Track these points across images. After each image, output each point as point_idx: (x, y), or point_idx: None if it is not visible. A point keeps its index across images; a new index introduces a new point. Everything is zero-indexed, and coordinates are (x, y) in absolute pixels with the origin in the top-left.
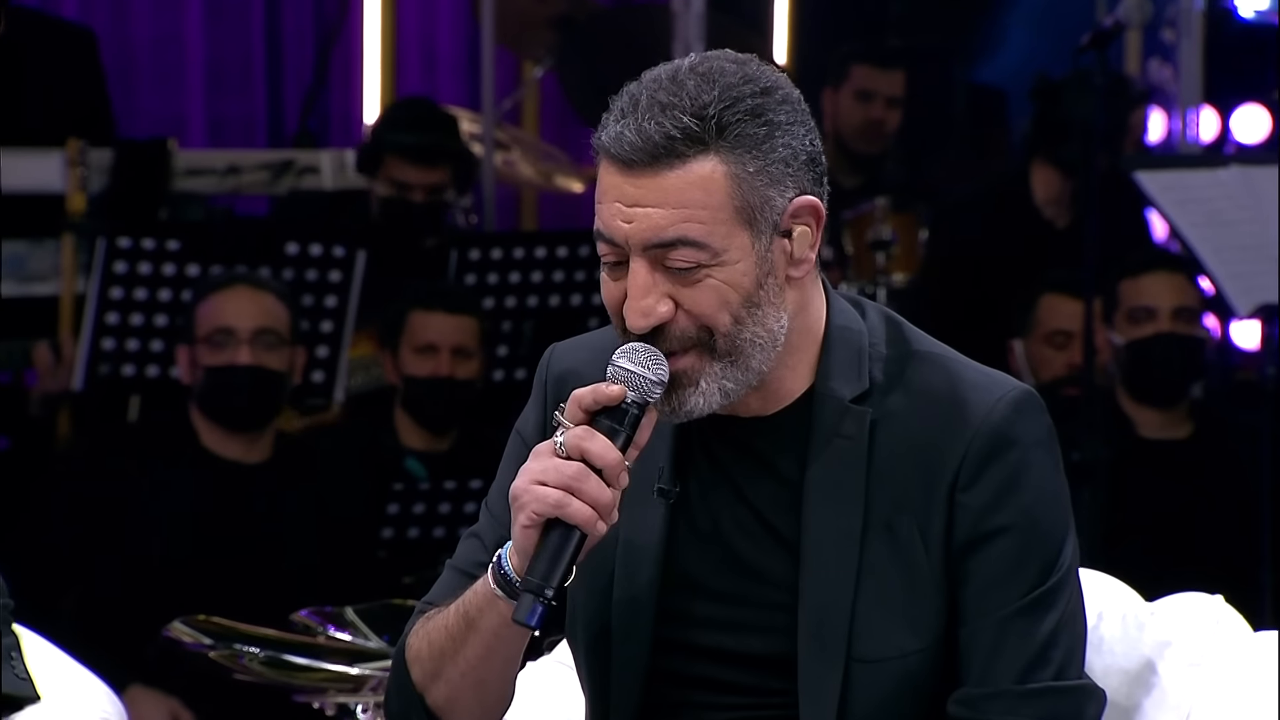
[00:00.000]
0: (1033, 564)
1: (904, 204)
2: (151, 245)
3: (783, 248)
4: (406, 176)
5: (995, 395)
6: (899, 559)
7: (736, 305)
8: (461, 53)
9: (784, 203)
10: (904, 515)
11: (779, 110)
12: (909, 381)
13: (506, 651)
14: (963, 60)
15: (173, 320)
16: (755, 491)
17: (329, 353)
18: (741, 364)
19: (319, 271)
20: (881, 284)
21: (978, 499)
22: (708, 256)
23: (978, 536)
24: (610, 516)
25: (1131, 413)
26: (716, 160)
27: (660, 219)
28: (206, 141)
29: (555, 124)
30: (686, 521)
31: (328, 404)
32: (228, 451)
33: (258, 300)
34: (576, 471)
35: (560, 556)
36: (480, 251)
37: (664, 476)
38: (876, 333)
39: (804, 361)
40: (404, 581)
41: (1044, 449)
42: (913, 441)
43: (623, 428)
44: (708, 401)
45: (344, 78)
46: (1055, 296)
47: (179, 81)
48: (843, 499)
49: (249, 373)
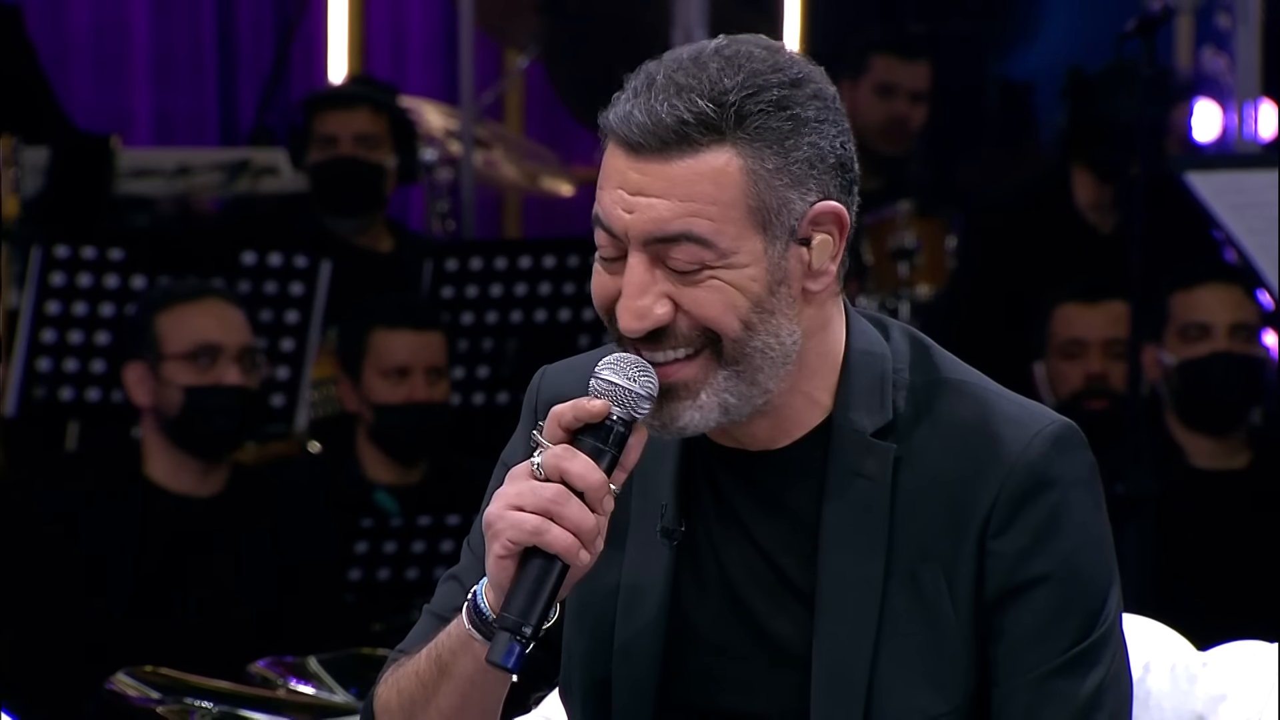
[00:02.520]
0: (1073, 617)
1: (929, 209)
2: (92, 254)
3: (800, 256)
4: (330, 127)
5: (1031, 430)
6: (924, 612)
7: (745, 309)
8: (437, 40)
9: (804, 207)
10: (929, 564)
11: (808, 105)
12: (936, 413)
13: (484, 701)
14: (995, 49)
15: (116, 338)
16: (766, 534)
17: (290, 374)
18: (748, 377)
19: (279, 284)
20: (904, 297)
21: (1011, 546)
22: (714, 256)
23: (1011, 588)
24: (594, 545)
25: (1183, 440)
26: (733, 153)
27: (665, 211)
28: (153, 139)
29: (541, 120)
30: (692, 565)
31: (288, 431)
32: (178, 484)
33: (234, 314)
34: (555, 494)
35: (540, 590)
36: (458, 262)
37: (668, 515)
38: (901, 357)
39: (820, 388)
40: (373, 629)
41: (1085, 488)
42: (940, 481)
43: (607, 447)
44: (705, 417)
45: (306, 68)
46: (1067, 306)
47: (122, 72)
48: (862, 545)
49: (237, 394)
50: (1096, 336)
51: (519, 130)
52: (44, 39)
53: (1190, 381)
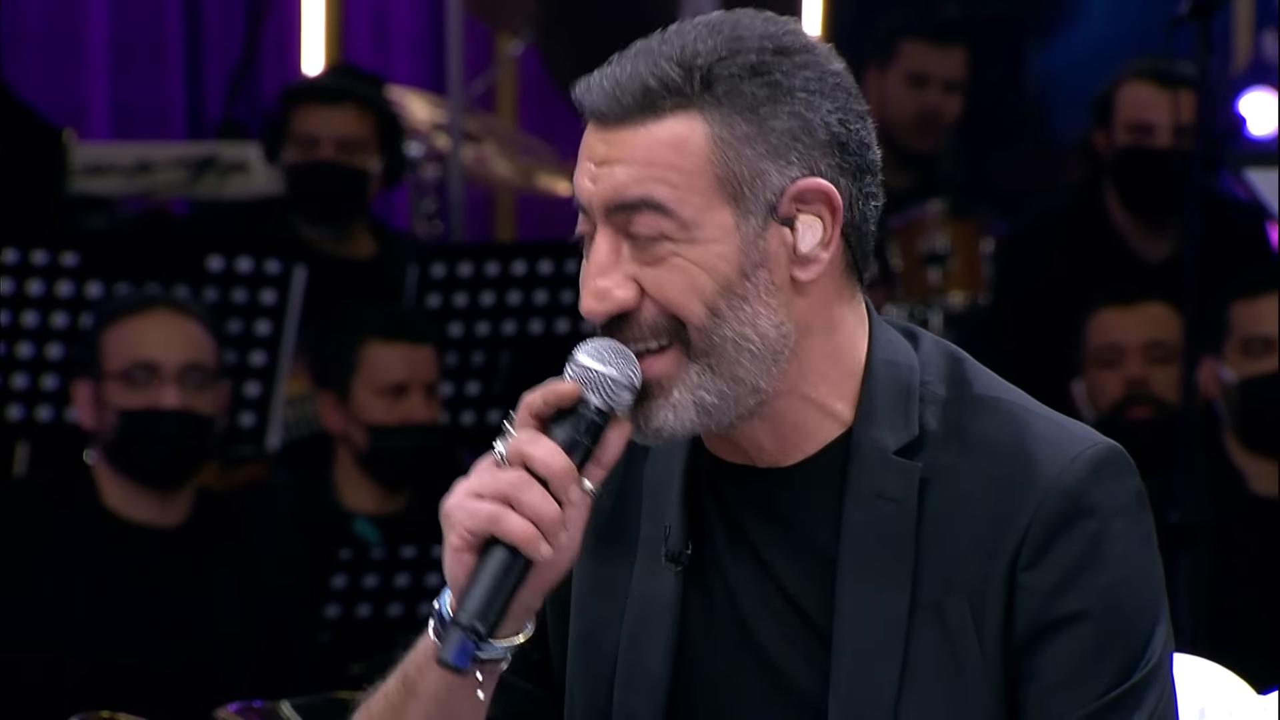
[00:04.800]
0: (1112, 658)
1: (963, 209)
2: (43, 260)
3: (782, 238)
4: (311, 126)
5: (1069, 453)
6: (949, 651)
7: (711, 292)
8: (422, 25)
9: (783, 181)
10: (955, 597)
11: (793, 74)
12: (968, 432)
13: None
14: (1036, 34)
15: (69, 351)
16: (778, 559)
17: (261, 391)
18: (723, 371)
19: (249, 292)
20: (935, 306)
21: (1044, 579)
22: (675, 228)
23: (1043, 626)
24: (558, 538)
25: (1242, 464)
26: (699, 118)
27: (624, 176)
28: (111, 132)
29: (536, 111)
30: (700, 593)
31: (259, 454)
32: (137, 513)
33: (183, 328)
34: (515, 479)
35: (497, 586)
36: (446, 266)
37: (673, 537)
38: (932, 370)
39: (835, 398)
40: (352, 671)
41: (1129, 518)
42: (969, 506)
43: (580, 437)
44: (680, 417)
45: (278, 55)
46: (1103, 311)
47: (76, 59)
48: (885, 575)
49: (176, 419)
50: (1135, 340)
51: (512, 123)
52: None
53: (1252, 400)
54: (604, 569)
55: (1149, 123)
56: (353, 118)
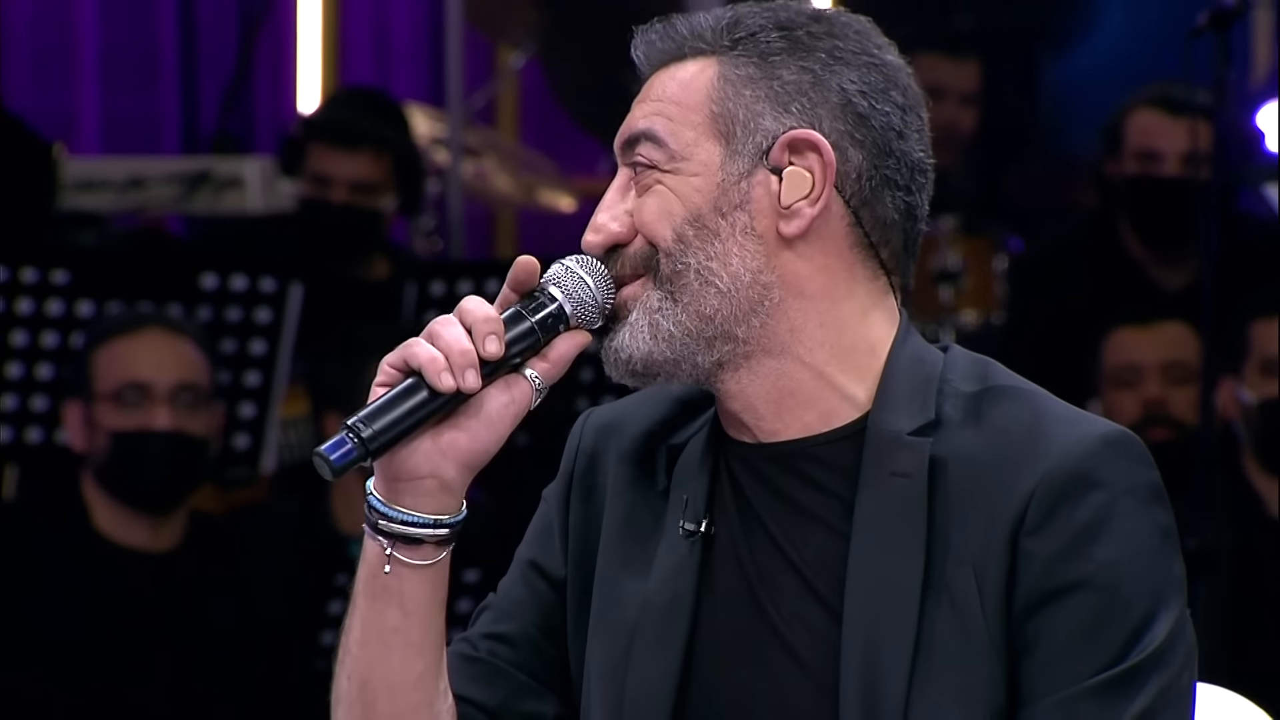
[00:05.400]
0: (1111, 632)
1: (976, 226)
2: (33, 278)
3: (768, 185)
4: (326, 166)
5: (1083, 429)
6: (957, 622)
7: (681, 219)
8: (422, 36)
9: (778, 128)
10: (962, 566)
11: (821, 39)
12: (985, 416)
13: (381, 629)
14: (1051, 46)
15: (60, 371)
16: (788, 537)
17: (255, 412)
18: (687, 303)
19: (243, 310)
20: (947, 324)
21: (1047, 546)
22: (664, 158)
23: (1044, 593)
24: (464, 376)
25: (1263, 488)
26: (713, 61)
27: (637, 113)
28: (102, 146)
29: (538, 125)
30: (715, 568)
31: (254, 476)
32: (129, 537)
33: (175, 347)
34: (441, 319)
35: (394, 401)
36: (445, 284)
37: (689, 510)
38: (957, 369)
39: (850, 380)
40: None
41: (1139, 501)
42: (979, 479)
43: (529, 316)
44: (635, 337)
45: (273, 68)
46: (1119, 331)
47: (67, 72)
48: (897, 550)
49: (169, 440)
50: (1152, 360)
51: (513, 137)
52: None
53: (1272, 421)
54: (633, 550)
55: (1158, 151)
56: (368, 163)
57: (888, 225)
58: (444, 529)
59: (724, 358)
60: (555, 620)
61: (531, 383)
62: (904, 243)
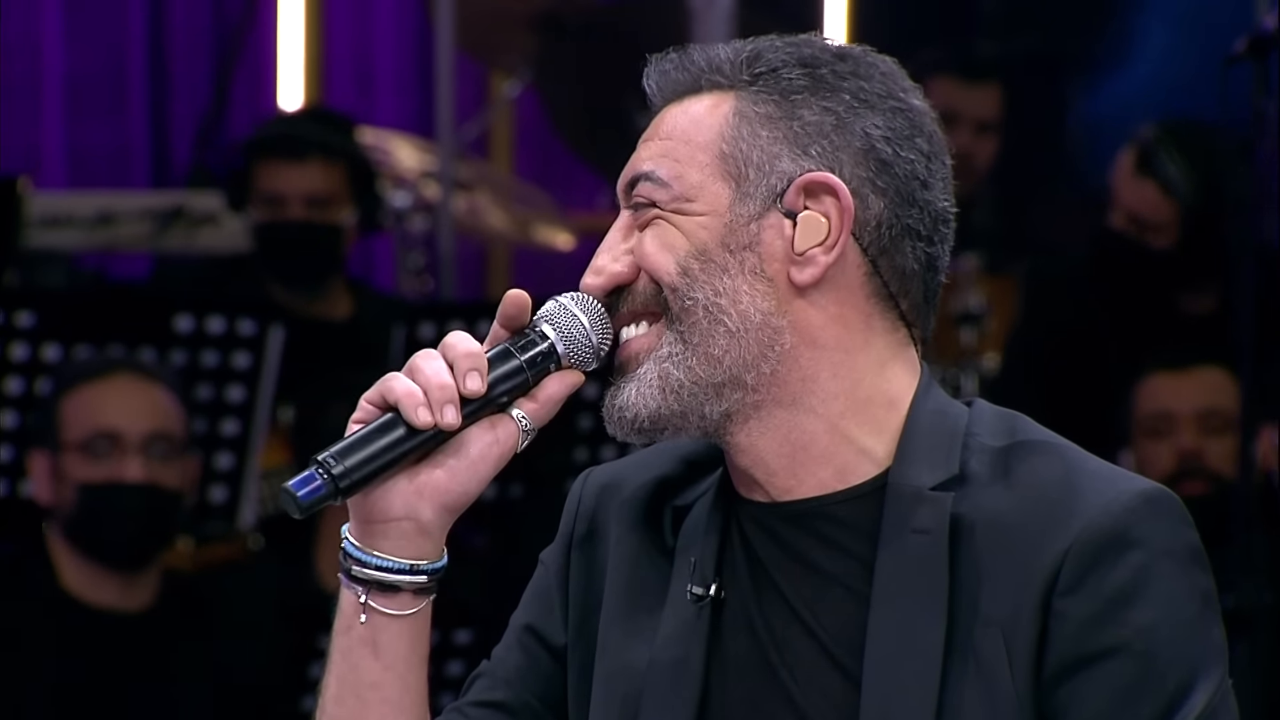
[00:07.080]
0: (1146, 703)
1: (999, 264)
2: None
3: (780, 229)
4: (275, 184)
5: (1120, 486)
6: (982, 686)
7: (685, 253)
8: (409, 62)
9: (795, 170)
10: (990, 628)
11: (846, 78)
12: (1014, 472)
13: (358, 683)
14: (1081, 75)
15: (24, 419)
16: (806, 600)
17: (233, 462)
18: (694, 343)
19: (220, 354)
20: (969, 369)
21: (1080, 608)
22: (666, 198)
23: (1078, 658)
24: (443, 412)
25: None
26: (731, 96)
27: (642, 153)
28: (68, 180)
29: (535, 157)
30: (724, 633)
31: (231, 532)
32: (99, 597)
33: (148, 394)
34: (422, 353)
35: (368, 437)
36: (435, 326)
37: (698, 572)
38: (983, 424)
39: (869, 435)
40: None
41: (1178, 564)
42: (1006, 535)
43: (517, 355)
44: (642, 393)
45: (252, 96)
46: (1153, 377)
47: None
48: (918, 611)
49: (140, 493)
50: (1187, 409)
51: (508, 169)
52: None
53: None
54: (638, 615)
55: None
56: (319, 173)
57: (907, 276)
58: (422, 575)
59: (733, 408)
60: (555, 689)
61: (518, 424)
62: (924, 294)
